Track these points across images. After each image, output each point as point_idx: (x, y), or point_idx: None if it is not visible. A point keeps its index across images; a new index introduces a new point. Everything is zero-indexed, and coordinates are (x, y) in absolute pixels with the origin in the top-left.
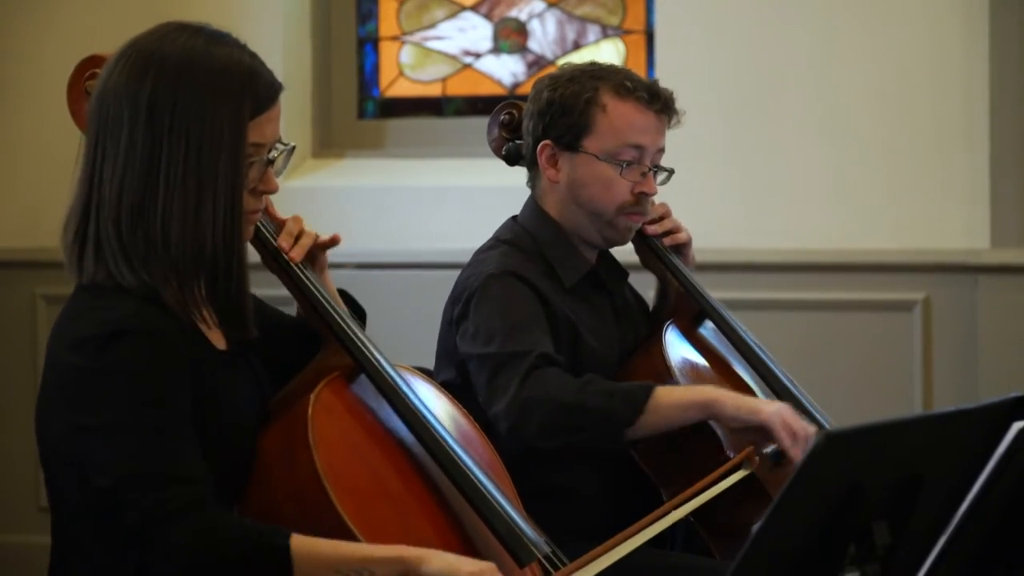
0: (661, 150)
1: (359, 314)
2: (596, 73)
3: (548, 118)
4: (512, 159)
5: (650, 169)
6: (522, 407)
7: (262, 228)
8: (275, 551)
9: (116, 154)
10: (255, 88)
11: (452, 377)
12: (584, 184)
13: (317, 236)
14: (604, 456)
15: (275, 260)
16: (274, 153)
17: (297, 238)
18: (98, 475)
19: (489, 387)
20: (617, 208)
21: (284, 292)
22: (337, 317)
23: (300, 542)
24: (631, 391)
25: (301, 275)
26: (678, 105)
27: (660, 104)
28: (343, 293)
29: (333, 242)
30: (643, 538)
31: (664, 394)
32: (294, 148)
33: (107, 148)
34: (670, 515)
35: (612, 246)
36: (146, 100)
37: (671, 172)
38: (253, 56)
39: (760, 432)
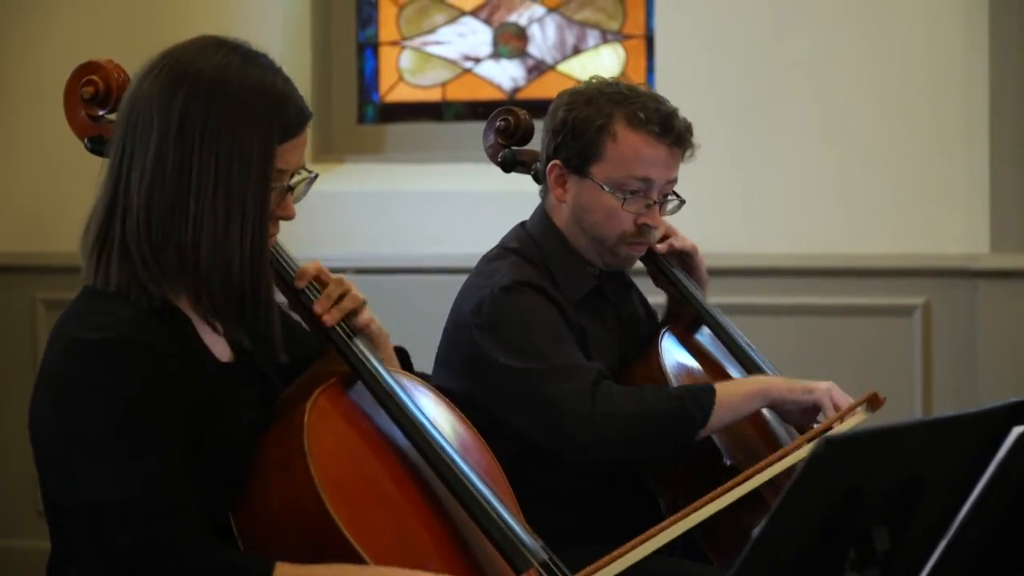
0: (672, 181)
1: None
2: (615, 97)
3: (560, 138)
4: (508, 166)
5: (656, 201)
6: (600, 424)
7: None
8: None
9: (144, 163)
10: (284, 114)
11: (453, 383)
12: (588, 210)
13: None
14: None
15: (276, 271)
16: (296, 179)
17: (337, 301)
18: (85, 488)
19: (544, 401)
20: (618, 237)
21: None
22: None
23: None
24: (697, 394)
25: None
26: (694, 139)
27: (673, 137)
28: (400, 351)
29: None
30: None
31: (724, 390)
32: (316, 176)
33: (135, 155)
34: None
35: (612, 270)
36: (177, 113)
37: (682, 202)
38: (286, 80)
39: (813, 411)
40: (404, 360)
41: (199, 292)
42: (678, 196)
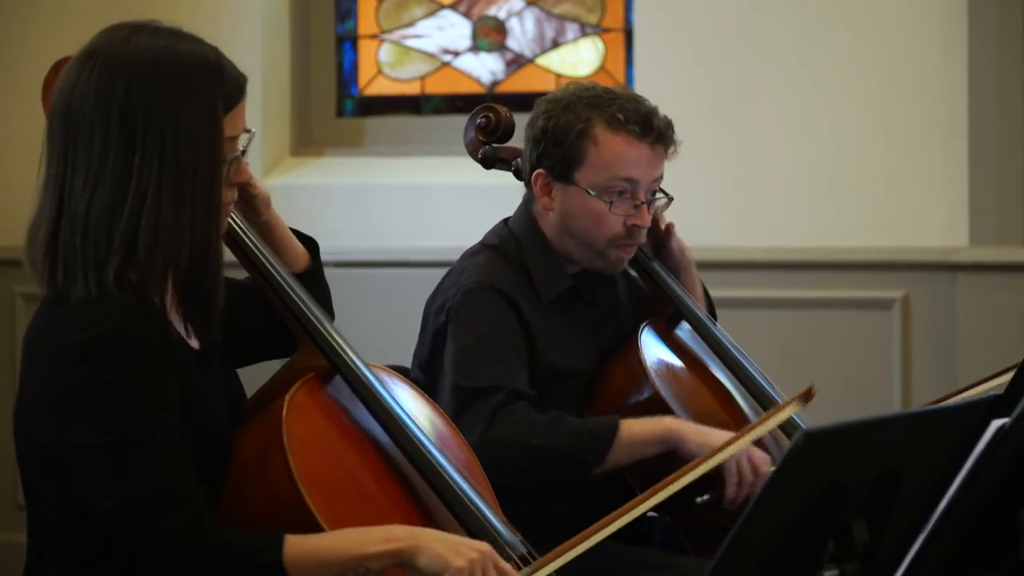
0: (657, 180)
1: (310, 247)
2: (593, 101)
3: (542, 147)
4: (488, 163)
5: (643, 201)
6: (490, 449)
7: (232, 221)
8: (269, 568)
9: (88, 165)
10: (224, 83)
11: (428, 379)
12: (576, 216)
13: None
14: None
15: (248, 258)
16: (243, 144)
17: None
18: (99, 497)
19: (458, 423)
20: (608, 241)
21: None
22: (312, 318)
23: (293, 551)
24: (597, 431)
25: (275, 274)
26: (676, 135)
27: (654, 136)
28: (296, 232)
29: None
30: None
31: (628, 429)
32: (253, 134)
33: (78, 160)
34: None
35: (602, 272)
36: (119, 108)
37: (670, 199)
38: (215, 50)
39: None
40: (310, 246)
41: (138, 277)
42: (666, 193)
